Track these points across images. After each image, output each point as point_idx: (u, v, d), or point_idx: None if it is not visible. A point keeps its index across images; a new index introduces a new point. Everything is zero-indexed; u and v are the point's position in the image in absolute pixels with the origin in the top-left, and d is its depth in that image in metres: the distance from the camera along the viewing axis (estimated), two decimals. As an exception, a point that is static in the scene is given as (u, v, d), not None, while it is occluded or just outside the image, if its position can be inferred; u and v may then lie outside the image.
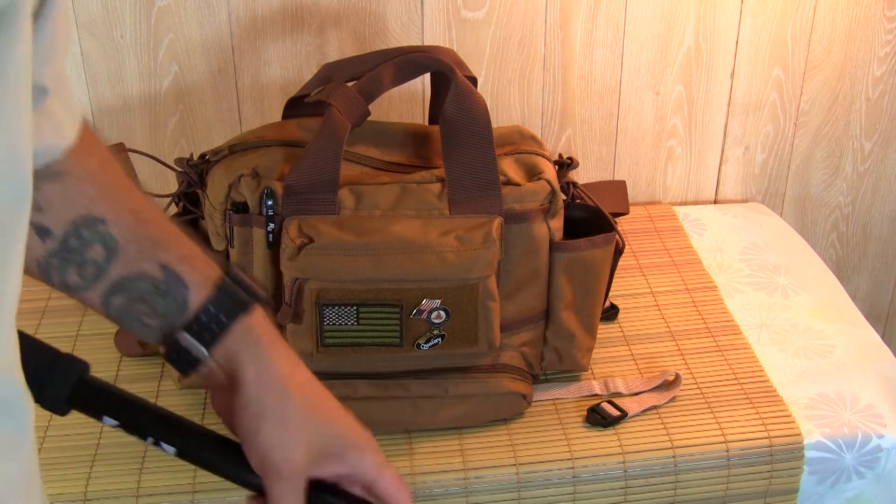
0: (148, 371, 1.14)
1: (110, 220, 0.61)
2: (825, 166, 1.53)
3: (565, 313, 1.08)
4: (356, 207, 0.99)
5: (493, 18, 1.34)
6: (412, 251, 0.96)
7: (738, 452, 1.04)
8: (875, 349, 1.19)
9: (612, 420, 1.06)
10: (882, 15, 1.42)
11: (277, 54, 1.32)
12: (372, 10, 1.31)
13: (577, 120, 1.43)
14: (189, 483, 0.99)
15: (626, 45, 1.39)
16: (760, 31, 1.41)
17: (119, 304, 0.63)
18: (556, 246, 1.05)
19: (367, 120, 1.05)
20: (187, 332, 0.63)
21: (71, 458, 1.02)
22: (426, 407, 1.04)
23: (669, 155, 1.49)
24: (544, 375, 1.13)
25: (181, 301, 0.63)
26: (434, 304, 0.98)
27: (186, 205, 1.04)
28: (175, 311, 0.63)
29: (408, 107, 1.38)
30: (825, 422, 1.07)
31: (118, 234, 0.62)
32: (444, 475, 1.01)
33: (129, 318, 0.64)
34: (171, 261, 0.63)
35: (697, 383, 1.13)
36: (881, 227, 1.60)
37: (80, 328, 1.21)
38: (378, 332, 0.99)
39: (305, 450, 0.65)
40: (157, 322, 0.64)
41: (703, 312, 1.25)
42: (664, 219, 1.46)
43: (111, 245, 0.62)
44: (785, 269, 1.34)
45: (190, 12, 1.28)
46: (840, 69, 1.45)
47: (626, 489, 1.03)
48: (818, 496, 1.08)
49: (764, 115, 1.47)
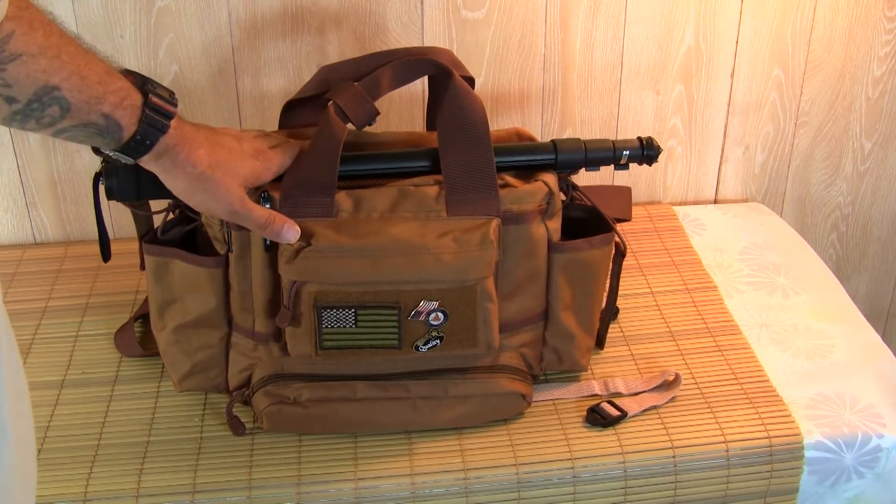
0: (148, 371, 1.14)
1: (64, 87, 0.76)
2: (825, 166, 1.53)
3: (564, 314, 1.08)
4: (354, 210, 0.99)
5: (493, 18, 1.34)
6: (410, 253, 0.96)
7: (738, 452, 1.04)
8: (875, 349, 1.19)
9: (612, 420, 1.06)
10: (882, 15, 1.42)
11: (277, 54, 1.33)
12: (372, 10, 1.31)
13: (577, 120, 1.43)
14: (189, 483, 0.99)
15: (626, 45, 1.39)
16: (760, 31, 1.41)
17: (66, 136, 0.81)
18: (555, 247, 1.05)
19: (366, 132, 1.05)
20: (119, 152, 0.85)
21: (71, 458, 1.02)
22: (426, 407, 1.04)
23: (669, 155, 1.49)
24: (544, 376, 1.13)
25: (117, 137, 0.83)
26: (432, 306, 0.98)
27: (185, 211, 1.04)
28: (111, 143, 0.84)
29: (408, 107, 1.38)
30: (825, 422, 1.07)
31: (70, 96, 0.77)
32: (443, 475, 1.01)
33: (73, 141, 0.83)
34: (111, 111, 0.81)
35: (697, 383, 1.13)
36: (881, 227, 1.60)
37: (80, 328, 1.21)
38: (376, 335, 0.99)
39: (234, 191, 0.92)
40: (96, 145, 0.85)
41: (703, 312, 1.25)
42: (664, 219, 1.46)
43: (65, 105, 0.77)
44: (785, 269, 1.34)
45: (190, 12, 1.28)
46: (840, 69, 1.45)
47: (626, 489, 1.03)
48: (818, 496, 1.08)
49: (764, 115, 1.48)
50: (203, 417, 1.07)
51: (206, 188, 0.91)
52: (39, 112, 0.76)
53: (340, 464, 1.01)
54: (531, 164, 1.06)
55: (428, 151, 1.05)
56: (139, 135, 0.84)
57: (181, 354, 1.07)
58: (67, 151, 1.35)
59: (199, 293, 1.04)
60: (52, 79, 0.75)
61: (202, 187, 0.90)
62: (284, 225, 0.96)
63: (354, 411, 1.03)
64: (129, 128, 0.83)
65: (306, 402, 1.02)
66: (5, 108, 0.75)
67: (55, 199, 1.38)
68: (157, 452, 1.03)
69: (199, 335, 1.06)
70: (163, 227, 1.04)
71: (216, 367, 1.07)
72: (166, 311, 1.06)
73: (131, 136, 0.84)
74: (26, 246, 1.40)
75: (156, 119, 0.85)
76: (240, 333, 1.05)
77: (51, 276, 1.32)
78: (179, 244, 1.04)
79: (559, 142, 1.07)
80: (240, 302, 1.03)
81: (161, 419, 1.07)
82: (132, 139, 0.84)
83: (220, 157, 0.92)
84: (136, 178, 0.98)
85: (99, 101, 0.80)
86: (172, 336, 1.06)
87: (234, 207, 0.93)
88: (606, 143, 1.08)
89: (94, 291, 1.28)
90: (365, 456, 1.02)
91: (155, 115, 0.85)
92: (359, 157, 1.04)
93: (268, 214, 0.95)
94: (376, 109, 1.01)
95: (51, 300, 1.27)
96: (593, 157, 1.07)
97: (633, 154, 1.08)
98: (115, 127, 0.82)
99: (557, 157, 1.06)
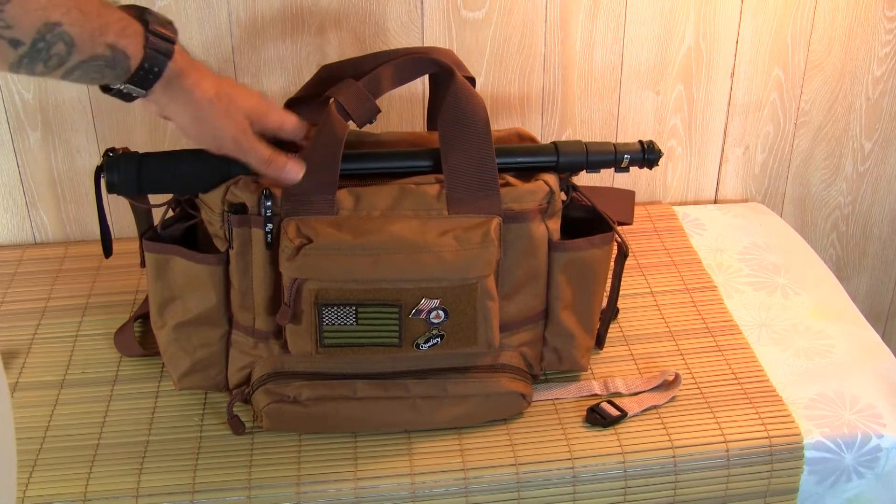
0: (148, 371, 1.14)
1: (65, 21, 0.76)
2: (825, 166, 1.53)
3: (564, 313, 1.08)
4: (355, 208, 0.99)
5: (493, 18, 1.34)
6: (410, 251, 0.96)
7: (738, 452, 1.04)
8: (875, 349, 1.19)
9: (612, 420, 1.06)
10: (882, 15, 1.42)
11: (277, 54, 1.33)
12: (372, 10, 1.31)
13: (577, 120, 1.43)
14: (189, 483, 0.99)
15: (626, 45, 1.39)
16: (760, 31, 1.41)
17: (76, 77, 0.81)
18: (555, 246, 1.05)
19: (365, 132, 1.05)
20: (129, 83, 0.85)
21: (70, 457, 1.02)
22: (425, 407, 1.04)
23: (669, 155, 1.49)
24: (544, 375, 1.13)
25: (125, 67, 0.84)
26: (433, 304, 0.98)
27: (186, 208, 1.04)
28: (120, 74, 0.84)
29: (408, 107, 1.38)
30: (825, 422, 1.07)
31: (72, 31, 0.77)
32: (443, 475, 1.01)
33: (82, 81, 0.83)
34: (115, 40, 0.81)
35: (697, 383, 1.13)
36: (881, 227, 1.60)
37: (80, 328, 1.21)
38: (377, 332, 0.99)
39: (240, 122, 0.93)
40: (106, 80, 0.85)
41: (703, 312, 1.25)
42: (664, 219, 1.46)
43: (69, 41, 0.77)
44: (785, 269, 1.34)
45: (190, 12, 1.28)
46: (840, 69, 1.45)
47: (626, 489, 1.03)
48: (818, 496, 1.08)
49: (764, 115, 1.48)
50: (202, 417, 1.07)
51: (214, 116, 0.91)
52: (46, 52, 0.76)
53: (340, 464, 1.01)
54: (533, 166, 1.06)
55: (429, 151, 1.05)
56: (146, 62, 0.84)
57: (181, 352, 1.07)
58: (67, 151, 1.35)
59: (199, 291, 1.04)
60: (53, 15, 0.75)
61: (211, 116, 0.91)
62: (287, 163, 0.96)
63: (354, 410, 1.03)
64: (135, 56, 0.84)
65: (306, 400, 1.02)
66: (11, 52, 0.75)
67: (55, 199, 1.38)
68: (156, 452, 1.03)
69: (199, 333, 1.06)
70: (163, 223, 1.04)
71: (216, 366, 1.07)
72: (166, 308, 1.06)
73: (139, 65, 0.84)
74: (26, 246, 1.40)
75: (160, 44, 0.85)
76: (240, 331, 1.05)
77: (50, 276, 1.32)
78: (180, 241, 1.04)
79: (561, 144, 1.07)
80: (240, 299, 1.03)
81: (160, 419, 1.07)
82: (140, 68, 0.84)
83: (226, 86, 0.93)
84: (138, 171, 0.98)
85: (102, 32, 0.80)
86: (172, 334, 1.06)
87: (240, 138, 0.93)
88: (608, 146, 1.08)
89: (94, 291, 1.28)
90: (365, 456, 1.02)
91: (158, 40, 0.85)
92: (360, 155, 1.04)
93: (271, 151, 0.95)
94: (377, 107, 1.01)
95: (50, 300, 1.27)
96: (594, 160, 1.07)
97: (634, 158, 1.08)
98: (122, 56, 0.82)
99: (559, 160, 1.06)
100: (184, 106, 0.90)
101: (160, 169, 0.99)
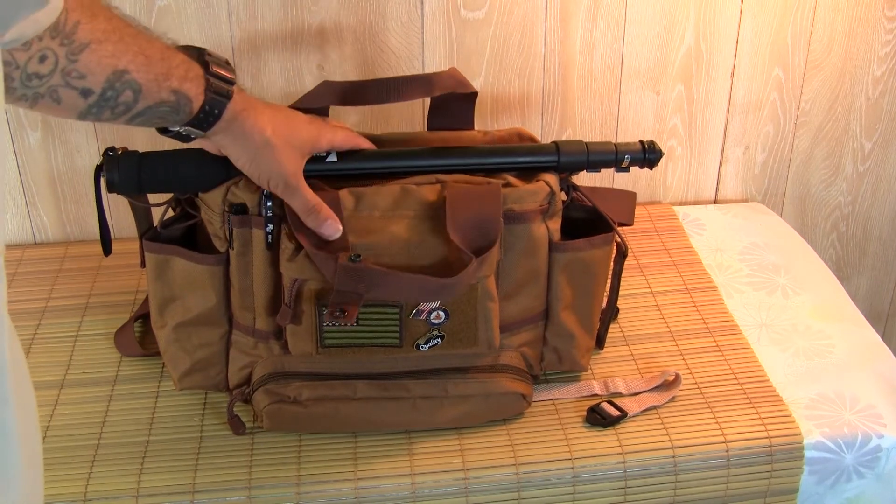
0: (148, 371, 1.14)
1: (132, 69, 0.77)
2: (825, 166, 1.53)
3: (565, 313, 1.08)
4: (356, 208, 0.99)
5: (493, 18, 1.34)
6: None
7: (738, 452, 1.04)
8: (875, 349, 1.19)
9: (612, 420, 1.06)
10: (882, 15, 1.42)
11: (277, 54, 1.33)
12: (372, 10, 1.31)
13: (577, 120, 1.43)
14: (189, 483, 0.99)
15: (625, 45, 1.39)
16: (760, 31, 1.41)
17: (140, 122, 0.82)
18: (556, 246, 1.05)
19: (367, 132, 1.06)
20: (188, 125, 0.86)
21: (70, 457, 1.02)
22: (426, 407, 1.04)
23: (669, 155, 1.49)
24: (544, 375, 1.13)
25: (188, 111, 0.85)
26: (433, 305, 0.98)
27: (186, 208, 1.04)
28: (183, 118, 0.85)
29: (408, 107, 1.38)
30: (825, 422, 1.07)
31: (139, 77, 0.78)
32: (443, 475, 1.01)
33: (145, 125, 0.84)
34: (178, 85, 0.82)
35: (697, 383, 1.13)
36: (881, 227, 1.60)
37: (80, 328, 1.21)
38: (377, 333, 0.99)
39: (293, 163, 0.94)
40: (167, 124, 0.86)
41: (703, 312, 1.25)
42: (664, 218, 1.46)
43: (136, 88, 0.79)
44: (785, 269, 1.34)
45: (190, 12, 1.28)
46: (840, 69, 1.45)
47: (626, 489, 1.03)
48: (818, 496, 1.08)
49: (764, 115, 1.48)
50: (203, 417, 1.07)
51: (272, 156, 0.92)
52: (114, 100, 0.77)
53: (340, 464, 1.01)
54: (534, 166, 1.06)
55: (429, 151, 1.05)
56: (207, 105, 0.85)
57: (181, 352, 1.07)
58: (67, 151, 1.35)
59: (199, 291, 1.04)
60: (121, 62, 0.76)
61: (268, 155, 0.92)
62: (329, 219, 0.95)
63: (354, 410, 1.03)
64: (196, 99, 0.85)
65: (306, 400, 1.02)
66: (81, 102, 0.76)
67: (55, 199, 1.38)
68: (156, 452, 1.03)
69: (199, 333, 1.06)
70: (162, 222, 1.04)
71: (216, 366, 1.07)
72: (166, 308, 1.06)
73: (200, 108, 0.85)
74: (26, 246, 1.40)
75: (220, 86, 0.86)
76: (240, 331, 1.05)
77: (51, 276, 1.32)
78: (179, 241, 1.04)
79: (562, 143, 1.07)
80: (240, 300, 1.03)
81: (161, 419, 1.07)
82: (201, 110, 0.85)
83: (280, 122, 0.93)
84: (138, 170, 0.98)
85: (166, 78, 0.81)
86: (173, 334, 1.06)
87: (291, 180, 0.94)
88: (609, 146, 1.08)
89: (94, 291, 1.28)
90: (365, 456, 1.02)
91: (219, 82, 0.86)
92: (360, 155, 1.04)
93: (317, 201, 0.95)
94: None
95: (51, 300, 1.27)
96: (595, 160, 1.07)
97: (635, 157, 1.08)
98: (185, 100, 0.84)
99: (560, 159, 1.06)
100: (242, 147, 0.91)
101: (160, 168, 0.99)
